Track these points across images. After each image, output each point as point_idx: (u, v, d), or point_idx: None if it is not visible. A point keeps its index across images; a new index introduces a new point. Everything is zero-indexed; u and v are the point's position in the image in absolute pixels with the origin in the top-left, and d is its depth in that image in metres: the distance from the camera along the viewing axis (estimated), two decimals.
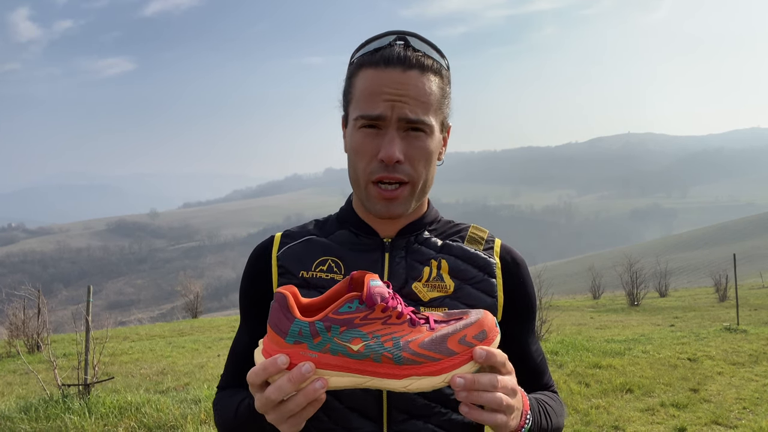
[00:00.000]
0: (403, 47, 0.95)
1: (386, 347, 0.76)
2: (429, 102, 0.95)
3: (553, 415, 1.00)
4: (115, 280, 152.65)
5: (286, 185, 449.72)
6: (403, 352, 0.76)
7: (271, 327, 0.78)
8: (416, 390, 0.78)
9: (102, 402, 5.46)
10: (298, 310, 0.80)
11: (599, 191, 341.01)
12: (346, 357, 0.76)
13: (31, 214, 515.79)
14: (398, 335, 0.77)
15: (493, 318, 0.82)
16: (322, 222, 1.13)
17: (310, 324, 0.76)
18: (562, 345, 8.58)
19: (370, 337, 0.76)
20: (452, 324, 0.80)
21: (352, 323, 0.76)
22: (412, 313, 0.81)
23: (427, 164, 0.98)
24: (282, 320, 0.77)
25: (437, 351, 0.77)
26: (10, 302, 10.26)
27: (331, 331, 0.76)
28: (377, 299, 0.76)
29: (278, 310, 0.78)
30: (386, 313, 0.78)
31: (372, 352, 0.76)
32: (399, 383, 0.77)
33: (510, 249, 1.09)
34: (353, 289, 0.83)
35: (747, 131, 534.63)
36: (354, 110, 0.97)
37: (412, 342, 0.77)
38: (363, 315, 0.77)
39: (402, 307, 0.80)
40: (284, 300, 0.78)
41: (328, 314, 0.76)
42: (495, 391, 0.78)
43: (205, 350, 10.06)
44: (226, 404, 1.02)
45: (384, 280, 0.82)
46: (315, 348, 0.76)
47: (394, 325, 0.78)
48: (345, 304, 0.77)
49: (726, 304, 17.11)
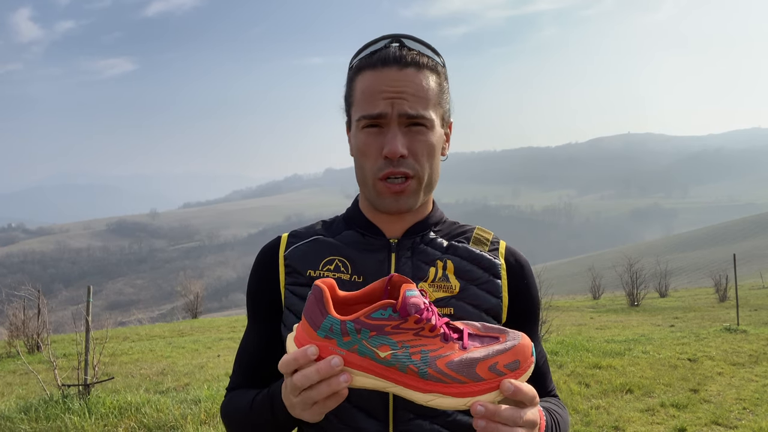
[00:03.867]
0: (399, 48, 0.99)
1: (413, 360, 0.76)
2: (427, 97, 0.98)
3: (563, 424, 1.00)
4: (115, 281, 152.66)
5: (286, 185, 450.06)
6: (429, 368, 0.76)
7: (306, 318, 0.79)
8: (437, 407, 0.77)
9: (102, 402, 5.46)
10: (335, 303, 0.80)
11: (599, 191, 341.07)
12: (373, 361, 0.77)
13: (31, 214, 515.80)
14: (428, 349, 0.77)
15: (531, 345, 0.80)
16: (329, 222, 1.14)
17: (341, 322, 0.76)
18: (562, 345, 8.59)
19: (399, 346, 0.76)
20: (486, 346, 0.79)
21: (383, 330, 0.76)
22: (445, 325, 0.79)
23: (431, 158, 1.00)
24: (316, 313, 0.77)
25: (465, 374, 0.76)
26: (10, 302, 10.23)
27: (360, 333, 0.76)
28: (411, 310, 0.76)
29: (314, 303, 0.78)
30: (419, 324, 0.77)
31: (398, 362, 0.76)
32: (422, 396, 0.77)
33: (514, 251, 1.11)
34: (390, 292, 0.82)
35: (747, 131, 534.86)
36: (356, 112, 1.00)
37: (440, 359, 0.76)
38: (395, 324, 0.76)
39: (436, 319, 0.78)
40: (320, 293, 0.78)
41: (360, 317, 0.76)
42: (515, 427, 0.76)
43: (205, 350, 10.05)
44: (240, 400, 1.02)
45: (419, 288, 0.81)
46: (343, 346, 0.77)
47: (426, 338, 0.77)
48: (378, 310, 0.76)
49: (726, 304, 17.08)
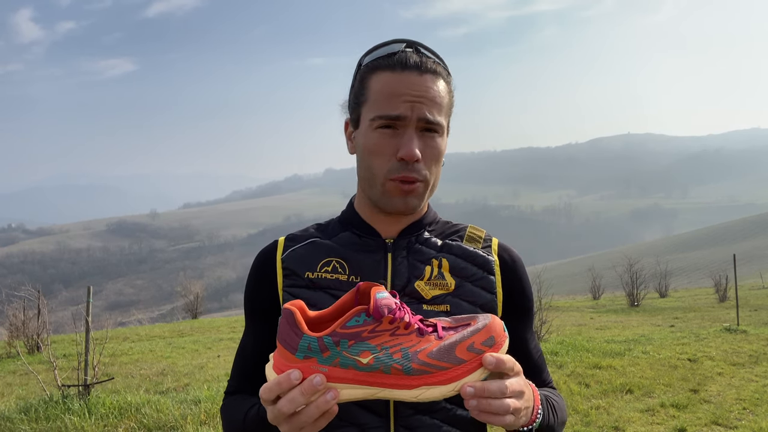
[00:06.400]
0: (416, 53, 1.01)
1: (395, 359, 0.77)
2: (442, 104, 1.00)
3: (559, 410, 1.02)
4: (115, 281, 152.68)
5: (286, 186, 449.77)
6: (412, 363, 0.77)
7: (281, 343, 0.78)
8: (427, 399, 0.78)
9: (102, 403, 5.46)
10: (306, 324, 0.80)
11: (599, 191, 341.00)
12: (356, 370, 0.77)
13: (31, 214, 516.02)
14: (406, 346, 0.77)
15: (501, 322, 0.83)
16: (324, 225, 1.15)
17: (318, 339, 0.76)
18: (562, 345, 8.58)
19: (378, 349, 0.77)
20: (460, 331, 0.80)
21: (361, 336, 0.77)
22: (419, 321, 0.81)
23: (438, 164, 1.03)
24: (291, 336, 0.77)
25: (446, 360, 0.77)
26: (10, 303, 10.23)
27: (339, 345, 0.76)
28: (384, 311, 0.76)
29: (286, 326, 0.78)
30: (394, 324, 0.78)
31: (381, 364, 0.77)
32: (410, 393, 0.78)
33: (507, 247, 1.13)
34: (360, 299, 0.83)
35: (747, 131, 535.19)
36: (369, 111, 1.00)
37: (420, 352, 0.77)
38: (371, 328, 0.77)
39: (409, 316, 0.79)
40: (291, 316, 0.78)
41: (336, 329, 0.76)
42: (504, 398, 0.79)
43: (205, 351, 10.05)
44: (235, 410, 1.03)
45: (389, 290, 0.81)
46: (325, 362, 0.76)
47: (402, 336, 0.78)
48: (353, 318, 0.77)
49: (726, 304, 17.07)
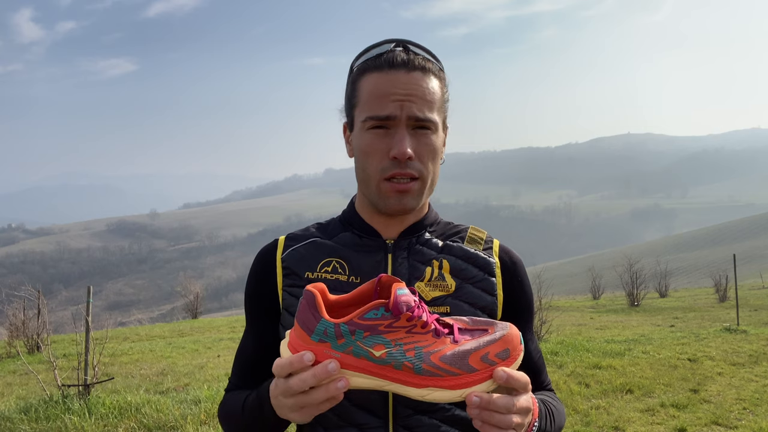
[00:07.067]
0: (404, 51, 1.01)
1: (408, 357, 0.78)
2: (433, 101, 1.00)
3: (557, 415, 1.03)
4: (115, 281, 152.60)
5: (286, 186, 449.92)
6: (423, 364, 0.78)
7: (298, 323, 0.79)
8: (432, 400, 0.79)
9: (102, 402, 5.46)
10: (326, 307, 0.81)
11: (599, 191, 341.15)
12: (368, 361, 0.78)
13: (31, 214, 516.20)
14: (421, 345, 0.78)
15: (518, 334, 0.83)
16: (325, 225, 1.15)
17: (335, 325, 0.77)
18: (562, 345, 8.58)
19: (393, 344, 0.78)
20: (476, 338, 0.81)
21: (377, 330, 0.77)
22: (436, 321, 0.81)
23: (434, 161, 1.02)
24: (309, 318, 0.78)
25: (458, 366, 0.78)
26: (10, 303, 10.24)
27: (355, 334, 0.77)
28: (403, 308, 0.77)
29: (306, 308, 0.79)
30: (411, 322, 0.78)
31: (393, 360, 0.78)
32: (417, 392, 0.79)
33: (508, 249, 1.13)
34: (380, 292, 0.84)
35: (747, 131, 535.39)
36: (361, 113, 1.00)
37: (433, 354, 0.78)
38: (388, 323, 0.78)
39: (427, 315, 0.80)
40: (312, 298, 0.79)
41: (353, 318, 0.77)
42: (509, 414, 0.79)
43: (205, 351, 10.04)
44: (233, 403, 1.04)
45: (410, 287, 0.82)
46: (338, 348, 0.77)
47: (418, 335, 0.79)
48: (371, 311, 0.78)
49: (726, 304, 17.08)
